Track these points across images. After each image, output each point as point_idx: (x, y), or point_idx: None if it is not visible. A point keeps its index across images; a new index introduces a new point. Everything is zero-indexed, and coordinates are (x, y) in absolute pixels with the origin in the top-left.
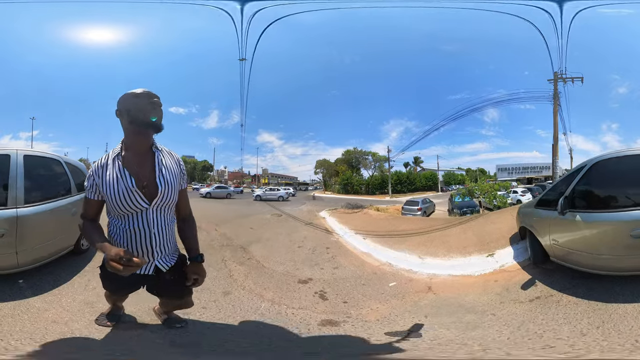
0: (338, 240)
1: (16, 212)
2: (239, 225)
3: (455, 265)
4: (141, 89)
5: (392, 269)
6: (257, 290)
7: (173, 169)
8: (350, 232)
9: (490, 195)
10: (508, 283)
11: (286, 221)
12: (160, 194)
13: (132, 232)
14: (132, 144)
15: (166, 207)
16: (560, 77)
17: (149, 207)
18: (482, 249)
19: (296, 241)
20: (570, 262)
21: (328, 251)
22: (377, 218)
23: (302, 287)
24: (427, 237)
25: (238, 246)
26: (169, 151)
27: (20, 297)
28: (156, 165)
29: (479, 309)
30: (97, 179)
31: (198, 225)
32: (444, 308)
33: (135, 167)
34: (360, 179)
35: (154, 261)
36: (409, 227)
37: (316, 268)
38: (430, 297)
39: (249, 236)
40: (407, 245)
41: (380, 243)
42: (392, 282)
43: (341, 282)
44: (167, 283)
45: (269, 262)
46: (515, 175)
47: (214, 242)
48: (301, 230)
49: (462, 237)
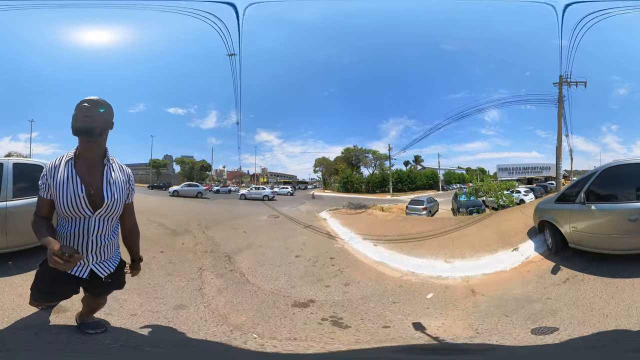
0: (344, 247)
1: (5, 204)
2: (231, 228)
3: (485, 264)
4: (87, 98)
5: (418, 278)
6: (224, 310)
7: (120, 182)
8: (357, 236)
9: (497, 195)
10: (539, 271)
11: (283, 223)
12: (105, 205)
13: (72, 235)
14: (82, 152)
15: (109, 217)
16: (565, 81)
17: (92, 215)
18: (505, 244)
19: (294, 248)
20: (587, 245)
21: (333, 262)
22: (383, 219)
23: (300, 312)
24: (445, 239)
25: (223, 254)
26: (120, 164)
27: (6, 275)
28: (104, 176)
29: (535, 297)
30: (49, 179)
31: (187, 226)
32: (509, 304)
33: (85, 175)
34: (361, 177)
35: (89, 265)
36: (422, 229)
37: (319, 285)
38: (483, 299)
39: (239, 241)
40: (427, 249)
41: (396, 249)
42: (430, 294)
43: (361, 303)
44: (103, 285)
45: (256, 276)
46: (516, 175)
47: (197, 247)
48: (300, 235)
49: (481, 235)
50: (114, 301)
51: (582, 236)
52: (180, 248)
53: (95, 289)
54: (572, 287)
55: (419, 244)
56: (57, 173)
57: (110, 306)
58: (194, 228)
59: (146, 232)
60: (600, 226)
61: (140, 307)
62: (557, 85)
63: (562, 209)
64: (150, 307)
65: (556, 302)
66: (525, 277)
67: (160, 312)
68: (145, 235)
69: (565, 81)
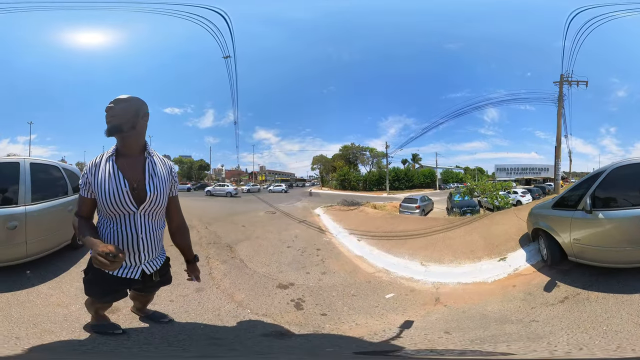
0: (331, 240)
1: (25, 209)
2: (231, 223)
3: (465, 272)
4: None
5: (389, 277)
6: (230, 290)
7: (163, 175)
8: (344, 231)
9: (492, 195)
10: (528, 287)
11: (279, 219)
12: (149, 199)
13: (120, 235)
14: (121, 147)
15: (154, 212)
16: (566, 80)
17: (137, 211)
18: (492, 252)
19: (286, 240)
20: (591, 258)
21: (318, 253)
22: (373, 216)
23: (280, 292)
24: (429, 240)
25: (225, 244)
26: (162, 157)
27: (30, 286)
28: (146, 170)
29: (513, 317)
30: (90, 177)
31: (189, 223)
32: (466, 321)
33: (127, 170)
34: (358, 175)
35: (141, 265)
36: (408, 227)
37: (301, 272)
38: (441, 310)
39: (238, 234)
40: (407, 248)
41: (377, 246)
42: (390, 294)
43: (326, 291)
44: (153, 284)
45: (253, 262)
46: (514, 175)
47: (202, 240)
48: (293, 229)
49: (467, 239)
50: None
51: (585, 249)
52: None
53: (146, 287)
54: (572, 308)
55: (401, 243)
56: (98, 170)
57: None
58: (196, 224)
59: None
60: (609, 237)
61: (171, 293)
62: (557, 85)
63: (561, 216)
64: (179, 292)
65: (545, 326)
66: (509, 292)
67: (188, 295)
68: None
69: (566, 80)
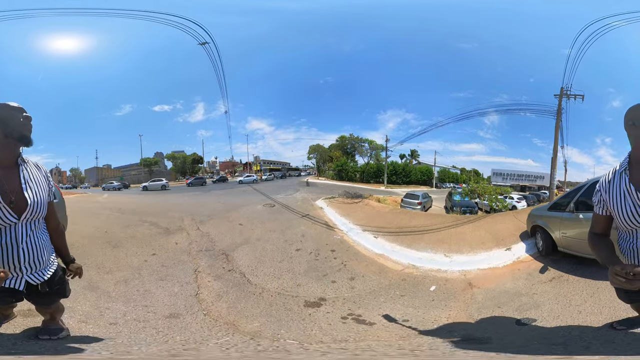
0: (343, 238)
1: None
2: (227, 221)
3: (481, 259)
4: (15, 103)
5: (419, 271)
6: (229, 317)
7: (41, 181)
8: (356, 227)
9: (492, 198)
10: (528, 270)
11: (280, 213)
12: (29, 207)
13: (1, 247)
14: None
15: (35, 220)
16: (565, 94)
17: (18, 221)
18: (499, 244)
19: (293, 241)
20: (574, 249)
21: (335, 255)
22: (381, 211)
23: (315, 313)
24: (443, 234)
25: (220, 252)
26: (35, 163)
27: None
28: (22, 178)
29: (524, 291)
30: None
31: (180, 222)
32: (499, 297)
33: (3, 182)
34: (355, 166)
35: (23, 276)
36: (421, 222)
37: (325, 281)
38: (480, 292)
39: (236, 236)
40: (427, 243)
41: (397, 242)
42: (433, 286)
43: (370, 298)
44: (40, 295)
45: (258, 276)
46: (510, 181)
47: (192, 246)
48: (297, 226)
49: (477, 234)
50: (94, 309)
51: (570, 241)
52: (173, 249)
53: (36, 298)
54: (557, 285)
55: (418, 238)
56: None
57: (88, 313)
58: (187, 224)
59: (136, 233)
60: (585, 232)
61: (123, 315)
62: (557, 97)
63: (554, 216)
64: (135, 315)
65: (540, 297)
66: (516, 274)
67: (148, 321)
68: (137, 237)
69: (565, 94)
